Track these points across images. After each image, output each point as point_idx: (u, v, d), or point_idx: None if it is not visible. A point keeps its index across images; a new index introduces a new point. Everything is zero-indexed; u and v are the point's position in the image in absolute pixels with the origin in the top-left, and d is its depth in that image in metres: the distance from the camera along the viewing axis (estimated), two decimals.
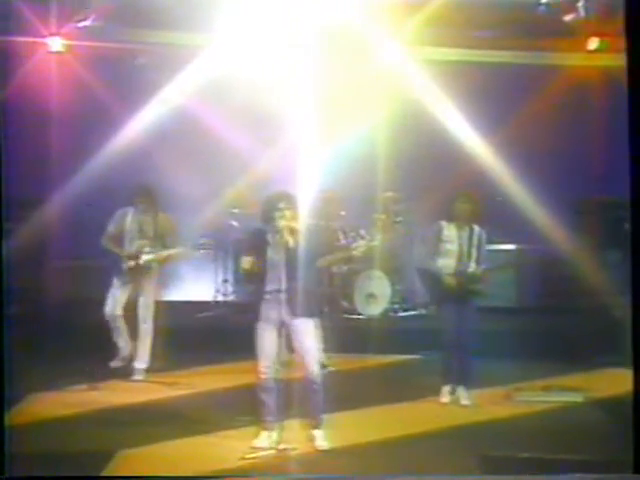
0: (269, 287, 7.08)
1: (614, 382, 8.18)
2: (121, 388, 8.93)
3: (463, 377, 8.32)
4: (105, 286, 9.41)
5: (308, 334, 7.15)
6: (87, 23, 11.24)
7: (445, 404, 8.37)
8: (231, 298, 11.52)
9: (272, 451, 6.95)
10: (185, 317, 10.79)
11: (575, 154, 10.95)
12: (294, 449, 6.99)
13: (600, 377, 8.95)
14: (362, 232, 11.18)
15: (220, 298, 11.60)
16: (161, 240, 9.29)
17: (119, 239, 9.32)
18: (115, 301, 9.28)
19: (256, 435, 7.15)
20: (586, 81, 10.91)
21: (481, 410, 8.18)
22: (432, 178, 11.10)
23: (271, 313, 7.08)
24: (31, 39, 10.96)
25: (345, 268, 10.99)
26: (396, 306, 11.29)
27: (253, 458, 6.88)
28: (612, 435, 7.09)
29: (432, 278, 8.39)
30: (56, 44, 11.14)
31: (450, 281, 8.23)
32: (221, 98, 10.98)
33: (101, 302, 9.31)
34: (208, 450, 7.13)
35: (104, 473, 6.62)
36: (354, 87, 11.12)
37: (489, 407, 8.27)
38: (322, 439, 7.15)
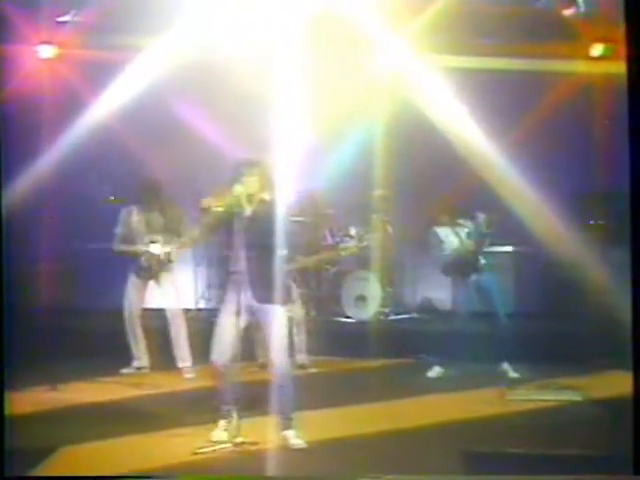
0: (231, 267, 6.42)
1: (611, 383, 7.58)
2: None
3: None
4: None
5: (275, 324, 6.43)
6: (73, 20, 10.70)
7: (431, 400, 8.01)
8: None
9: (228, 445, 6.29)
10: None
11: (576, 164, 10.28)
12: (254, 444, 6.32)
13: (598, 379, 8.32)
14: (352, 231, 10.61)
15: (203, 305, 10.94)
16: (173, 232, 8.81)
17: (129, 239, 8.87)
18: (132, 303, 8.85)
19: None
20: (588, 88, 10.24)
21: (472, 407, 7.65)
22: (425, 177, 10.51)
23: (231, 296, 6.39)
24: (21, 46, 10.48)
25: (333, 269, 10.36)
26: (387, 309, 10.61)
27: (206, 453, 6.23)
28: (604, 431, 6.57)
29: (443, 257, 8.87)
30: (46, 51, 10.71)
31: (460, 259, 8.78)
32: (210, 96, 10.42)
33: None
34: (162, 446, 6.53)
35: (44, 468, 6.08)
36: (348, 83, 10.55)
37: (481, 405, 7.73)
38: (295, 437, 6.46)
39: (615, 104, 8.71)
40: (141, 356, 8.92)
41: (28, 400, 7.76)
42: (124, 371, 8.87)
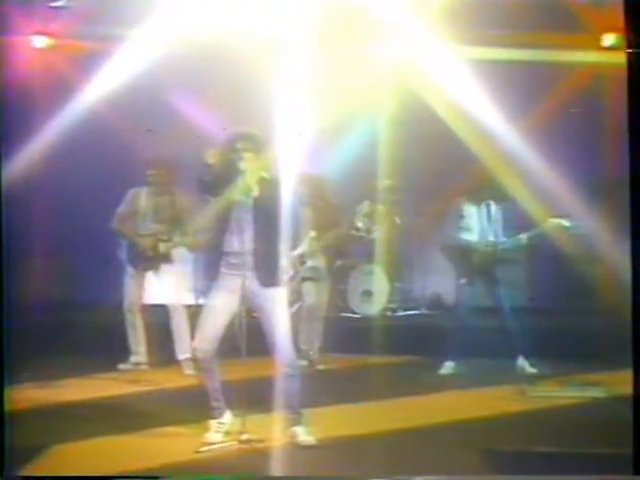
0: (230, 248, 5.94)
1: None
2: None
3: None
4: None
5: (279, 308, 5.97)
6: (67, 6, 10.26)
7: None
8: None
9: (231, 443, 5.84)
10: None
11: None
12: (260, 441, 5.86)
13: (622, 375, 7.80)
14: (358, 224, 10.12)
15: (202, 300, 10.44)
16: (179, 225, 8.33)
17: (132, 222, 8.44)
18: (131, 295, 8.43)
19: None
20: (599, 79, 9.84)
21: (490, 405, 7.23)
22: (434, 168, 10.09)
23: (231, 281, 5.94)
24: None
25: (338, 262, 9.90)
26: (394, 305, 10.16)
27: (209, 451, 5.78)
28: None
29: (457, 253, 8.53)
30: (40, 41, 10.19)
31: (474, 255, 8.39)
32: (209, 84, 9.98)
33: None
34: (161, 444, 6.10)
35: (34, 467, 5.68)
36: (353, 73, 10.14)
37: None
38: (305, 434, 6.00)
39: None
40: (139, 351, 8.48)
41: (19, 397, 7.15)
42: (121, 367, 8.42)
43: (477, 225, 8.46)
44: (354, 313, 10.00)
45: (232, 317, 5.95)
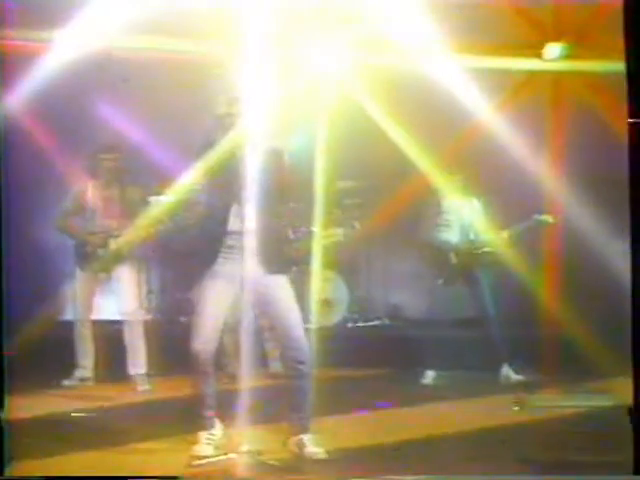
0: (228, 227, 5.18)
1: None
2: None
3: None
4: None
5: (286, 296, 5.37)
6: None
7: None
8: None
9: (225, 456, 5.08)
10: None
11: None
12: (259, 453, 5.10)
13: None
14: (313, 229, 9.44)
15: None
16: (131, 218, 7.52)
17: (79, 219, 7.66)
18: (80, 300, 7.64)
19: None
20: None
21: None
22: (396, 169, 9.50)
23: (227, 266, 5.18)
24: None
25: (293, 269, 9.18)
26: (355, 315, 9.48)
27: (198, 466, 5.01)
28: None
29: (436, 252, 8.04)
30: None
31: (454, 253, 7.97)
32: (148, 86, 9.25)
33: None
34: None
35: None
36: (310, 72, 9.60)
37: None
38: (313, 445, 5.25)
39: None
40: (86, 365, 7.66)
41: None
42: (66, 383, 7.59)
43: (455, 223, 8.02)
44: (311, 324, 9.26)
45: (231, 309, 5.16)
